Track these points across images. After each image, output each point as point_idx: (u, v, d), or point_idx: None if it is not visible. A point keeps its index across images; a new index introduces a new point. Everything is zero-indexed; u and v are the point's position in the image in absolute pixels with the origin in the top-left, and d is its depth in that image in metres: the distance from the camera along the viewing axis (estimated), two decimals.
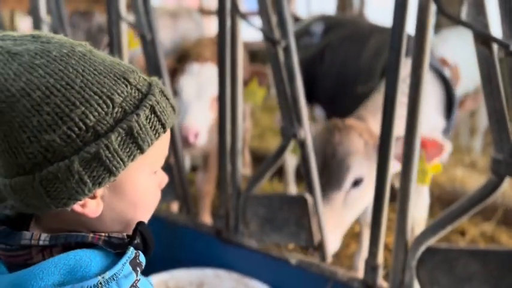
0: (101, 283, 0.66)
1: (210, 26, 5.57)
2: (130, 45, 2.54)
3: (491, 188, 1.23)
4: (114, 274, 0.67)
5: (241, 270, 1.70)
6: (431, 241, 1.36)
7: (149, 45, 1.94)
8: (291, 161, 2.67)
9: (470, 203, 1.28)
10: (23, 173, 0.65)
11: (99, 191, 0.68)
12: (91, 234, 0.71)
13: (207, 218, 2.42)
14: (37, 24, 2.45)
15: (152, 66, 1.97)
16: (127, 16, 2.05)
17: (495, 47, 1.15)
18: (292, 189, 2.91)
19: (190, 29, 3.89)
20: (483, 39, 1.16)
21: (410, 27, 1.33)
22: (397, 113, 1.38)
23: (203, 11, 6.42)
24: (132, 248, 0.72)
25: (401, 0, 1.30)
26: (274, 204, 1.69)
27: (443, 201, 3.26)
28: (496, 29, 1.15)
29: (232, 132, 1.76)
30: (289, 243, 1.79)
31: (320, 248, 1.65)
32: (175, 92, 2.19)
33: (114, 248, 0.71)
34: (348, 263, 2.32)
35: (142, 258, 0.73)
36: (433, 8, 1.26)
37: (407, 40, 1.35)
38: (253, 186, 1.76)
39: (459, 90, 2.45)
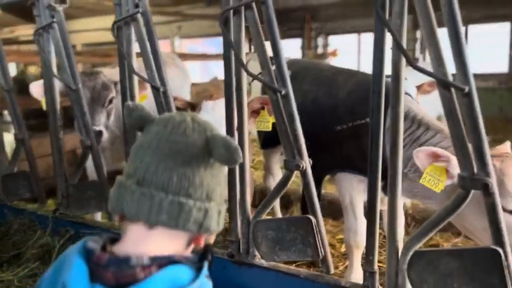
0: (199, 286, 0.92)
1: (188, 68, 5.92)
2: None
3: (460, 199, 1.56)
4: (202, 282, 0.94)
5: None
6: (417, 247, 1.67)
7: (162, 97, 2.23)
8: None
9: (445, 212, 1.61)
10: None
11: None
12: (176, 255, 0.97)
13: None
14: (50, 82, 2.71)
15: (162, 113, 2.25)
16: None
17: (453, 90, 1.51)
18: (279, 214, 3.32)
19: (176, 74, 4.20)
20: (444, 85, 1.51)
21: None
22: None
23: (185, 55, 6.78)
24: (206, 263, 0.99)
25: (379, 56, 1.65)
26: (282, 226, 1.97)
27: (416, 219, 3.65)
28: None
29: (240, 164, 2.04)
30: (297, 260, 2.04)
31: (324, 261, 1.93)
32: None
33: (193, 264, 0.98)
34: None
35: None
36: (404, 62, 1.61)
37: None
38: (262, 213, 2.04)
39: None
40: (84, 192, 2.71)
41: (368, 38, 10.35)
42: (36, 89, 2.86)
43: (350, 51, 10.41)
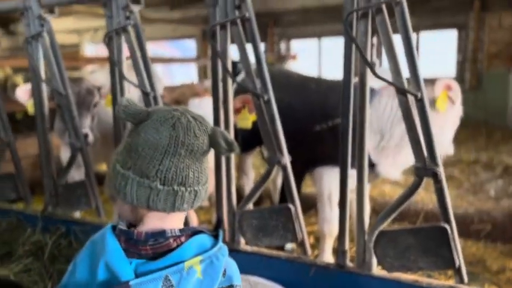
0: (219, 250, 1.16)
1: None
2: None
3: (415, 186, 1.89)
4: (220, 245, 1.19)
5: (241, 271, 2.20)
6: (381, 227, 1.99)
7: (152, 101, 2.45)
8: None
9: (403, 197, 1.94)
10: None
11: None
12: (196, 226, 1.22)
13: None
14: (38, 87, 2.85)
15: None
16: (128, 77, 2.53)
17: (409, 96, 1.83)
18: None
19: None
20: (401, 92, 1.84)
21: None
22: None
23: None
24: (221, 231, 1.24)
25: (348, 67, 1.96)
26: (265, 215, 2.24)
27: (376, 211, 4.02)
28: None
29: (226, 158, 2.29)
30: (278, 244, 2.31)
31: (302, 244, 2.22)
32: None
33: (210, 233, 1.23)
34: None
35: None
36: (368, 72, 1.93)
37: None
38: (246, 203, 2.30)
39: None
40: (74, 191, 2.86)
41: (327, 42, 10.83)
42: (22, 93, 2.99)
43: (311, 55, 10.86)
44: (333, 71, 9.90)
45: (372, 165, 2.67)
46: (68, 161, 2.89)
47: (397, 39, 1.83)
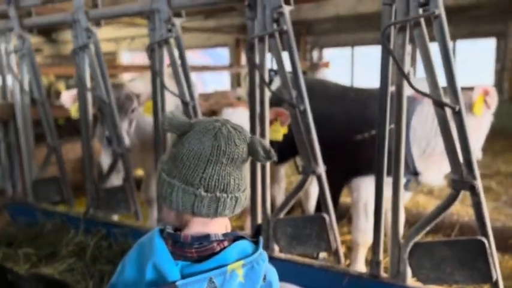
0: (259, 255, 1.22)
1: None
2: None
3: (451, 199, 1.89)
4: (261, 251, 1.24)
5: None
6: (416, 239, 1.99)
7: (191, 111, 2.54)
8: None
9: (439, 210, 1.94)
10: None
11: None
12: (238, 232, 1.27)
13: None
14: (84, 95, 3.00)
15: None
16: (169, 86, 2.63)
17: (447, 109, 1.84)
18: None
19: None
20: (439, 105, 1.85)
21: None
22: None
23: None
24: (261, 238, 1.29)
25: (385, 80, 1.99)
26: (299, 224, 2.28)
27: (409, 222, 3.97)
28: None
29: (262, 167, 2.35)
30: (312, 253, 2.33)
31: (336, 253, 2.24)
32: None
33: (250, 239, 1.28)
34: None
35: None
36: (405, 84, 1.95)
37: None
38: (281, 212, 2.35)
39: None
40: (114, 195, 2.99)
41: (360, 51, 10.78)
42: (67, 98, 3.14)
43: (343, 63, 10.83)
44: (366, 79, 9.85)
45: (415, 174, 2.66)
46: (110, 166, 3.02)
47: (433, 48, 1.84)
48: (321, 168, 2.24)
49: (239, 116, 2.74)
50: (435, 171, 2.70)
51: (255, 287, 1.16)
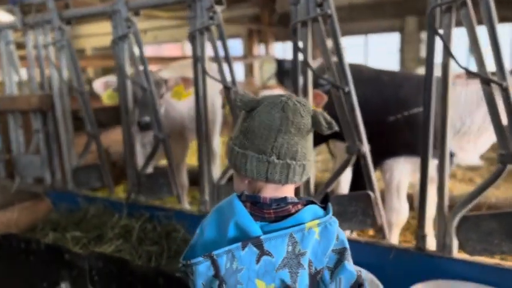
0: (331, 218, 1.30)
1: None
2: (182, 96, 3.22)
3: (499, 172, 1.96)
4: (331, 215, 1.33)
5: None
6: (463, 212, 2.07)
7: (232, 95, 2.62)
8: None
9: (485, 183, 2.01)
10: None
11: None
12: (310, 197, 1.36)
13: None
14: (124, 84, 3.09)
15: (235, 111, 2.64)
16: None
17: (493, 85, 1.91)
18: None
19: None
20: (486, 82, 1.91)
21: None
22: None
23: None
24: (330, 204, 1.38)
25: (430, 60, 2.05)
26: (344, 201, 2.36)
27: None
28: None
29: None
30: (358, 229, 2.42)
31: (381, 229, 2.32)
32: None
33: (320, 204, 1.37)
34: None
35: None
36: (452, 64, 2.01)
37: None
38: (325, 190, 2.43)
39: None
40: (156, 180, 3.09)
41: (374, 39, 10.79)
42: (99, 86, 3.23)
43: (357, 52, 10.86)
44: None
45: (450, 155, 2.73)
46: (151, 152, 3.12)
47: (481, 30, 1.91)
48: (366, 147, 2.32)
49: None
50: (471, 150, 2.77)
51: (330, 244, 1.25)
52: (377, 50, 10.71)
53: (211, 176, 2.87)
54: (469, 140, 2.75)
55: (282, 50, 11.49)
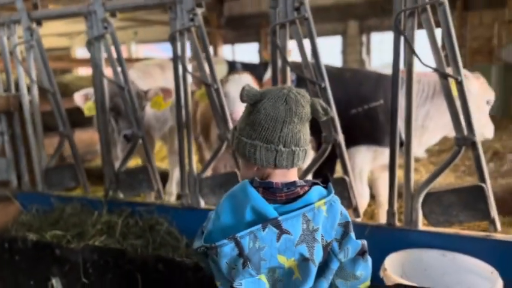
0: (333, 196, 1.52)
1: None
2: (161, 106, 3.34)
3: (455, 154, 2.30)
4: (333, 194, 1.55)
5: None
6: (426, 190, 2.39)
7: (214, 92, 2.79)
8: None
9: (444, 165, 2.35)
10: None
11: None
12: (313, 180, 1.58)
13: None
14: (100, 83, 3.15)
15: (215, 107, 2.82)
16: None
17: (450, 79, 2.24)
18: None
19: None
20: (443, 76, 2.25)
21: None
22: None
23: None
24: (331, 184, 1.60)
25: (397, 58, 2.36)
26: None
27: None
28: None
29: None
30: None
31: (356, 209, 2.60)
32: (225, 95, 2.92)
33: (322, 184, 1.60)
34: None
35: None
36: (415, 60, 2.33)
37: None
38: (306, 176, 2.67)
39: None
40: (135, 176, 3.17)
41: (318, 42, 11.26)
42: (79, 97, 3.27)
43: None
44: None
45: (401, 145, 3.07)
46: (130, 148, 3.20)
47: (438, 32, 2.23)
48: (341, 137, 2.58)
49: (246, 80, 3.04)
50: (416, 142, 3.13)
51: (335, 219, 1.45)
52: (321, 52, 11.20)
53: (192, 169, 3.01)
54: (414, 134, 3.11)
55: (231, 52, 11.70)
